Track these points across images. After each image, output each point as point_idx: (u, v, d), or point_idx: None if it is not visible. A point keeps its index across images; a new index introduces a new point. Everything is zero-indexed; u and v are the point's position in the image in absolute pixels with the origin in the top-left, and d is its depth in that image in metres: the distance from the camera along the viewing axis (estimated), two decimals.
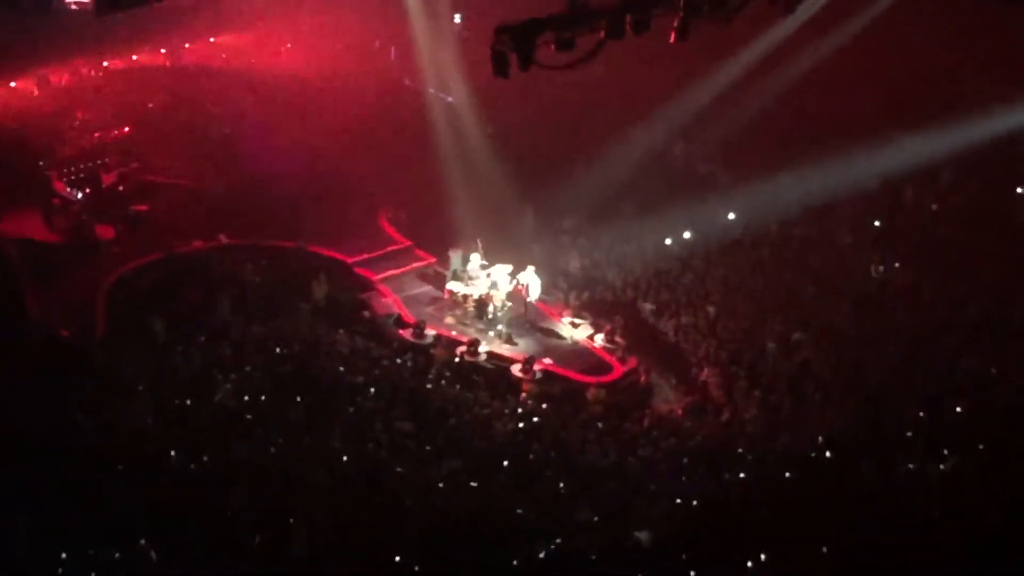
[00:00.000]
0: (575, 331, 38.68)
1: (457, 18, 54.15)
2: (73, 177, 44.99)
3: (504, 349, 37.43)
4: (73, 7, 43.31)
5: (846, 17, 43.44)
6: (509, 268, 38.90)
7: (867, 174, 43.37)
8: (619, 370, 36.63)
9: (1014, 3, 39.22)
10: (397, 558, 23.09)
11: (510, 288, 38.71)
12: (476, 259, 39.48)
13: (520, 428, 30.48)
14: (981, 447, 27.55)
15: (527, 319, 39.22)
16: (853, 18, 44.41)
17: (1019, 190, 42.93)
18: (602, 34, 21.14)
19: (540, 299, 39.43)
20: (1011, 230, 40.59)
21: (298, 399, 30.05)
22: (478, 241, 39.93)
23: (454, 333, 37.98)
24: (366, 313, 39.00)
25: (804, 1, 25.51)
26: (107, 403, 28.17)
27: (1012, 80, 41.79)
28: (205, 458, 26.10)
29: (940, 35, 46.06)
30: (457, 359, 36.23)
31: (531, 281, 38.76)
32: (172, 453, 26.07)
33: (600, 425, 32.35)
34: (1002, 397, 30.42)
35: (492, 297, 38.54)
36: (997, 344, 33.66)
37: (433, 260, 42.50)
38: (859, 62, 47.41)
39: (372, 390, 31.43)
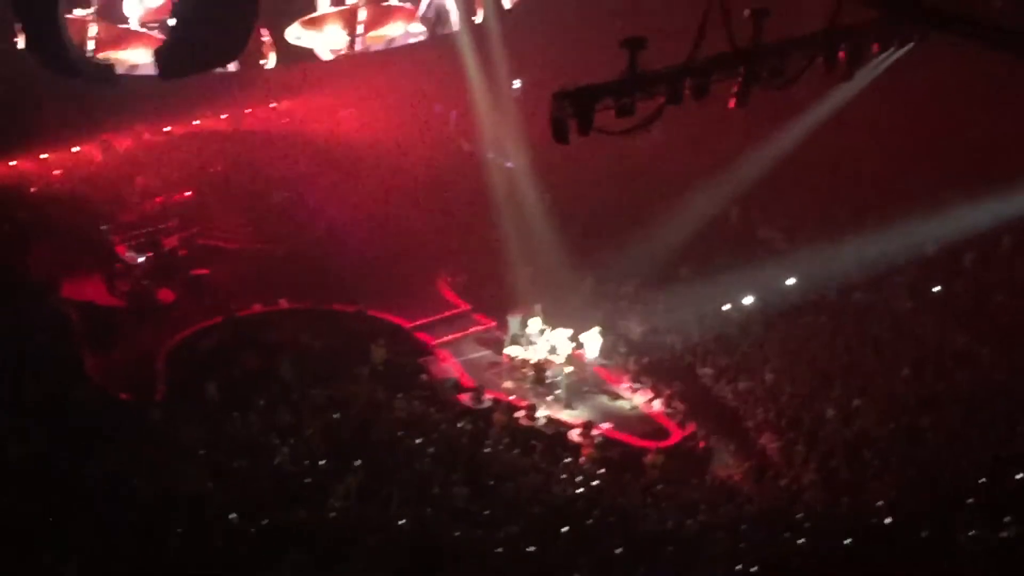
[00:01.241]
0: (634, 396, 38.61)
1: (516, 83, 54.28)
2: (135, 241, 45.25)
3: (563, 414, 37.35)
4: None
5: (905, 83, 43.22)
6: (568, 332, 38.88)
7: (926, 240, 43.13)
8: (678, 435, 36.51)
9: None
10: None
11: (569, 352, 38.69)
12: (535, 323, 39.47)
13: (578, 493, 30.43)
14: None
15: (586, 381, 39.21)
16: (913, 84, 44.18)
17: None
18: (661, 100, 21.18)
19: (599, 363, 39.40)
20: None
21: (356, 463, 30.09)
22: (537, 306, 39.95)
23: (513, 398, 37.94)
24: (424, 377, 39.02)
25: (862, 67, 25.43)
26: (166, 466, 28.30)
27: None
28: (264, 521, 26.16)
29: (1001, 101, 45.86)
30: (515, 424, 36.22)
31: (591, 342, 38.80)
32: (231, 516, 26.16)
33: (659, 490, 32.26)
34: None
35: (551, 362, 38.52)
36: None
37: (492, 324, 42.54)
38: (918, 128, 47.33)
39: (430, 454, 31.47)
